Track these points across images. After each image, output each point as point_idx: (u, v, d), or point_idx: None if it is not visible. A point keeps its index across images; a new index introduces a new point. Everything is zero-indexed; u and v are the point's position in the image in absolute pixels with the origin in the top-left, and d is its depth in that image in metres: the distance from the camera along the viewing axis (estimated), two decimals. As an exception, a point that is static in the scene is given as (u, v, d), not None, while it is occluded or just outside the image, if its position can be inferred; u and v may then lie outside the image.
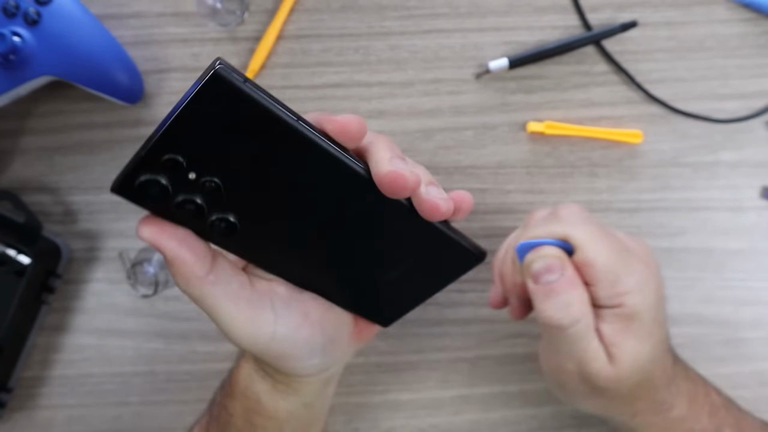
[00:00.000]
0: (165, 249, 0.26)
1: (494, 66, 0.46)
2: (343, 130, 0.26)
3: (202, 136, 0.24)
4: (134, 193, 0.24)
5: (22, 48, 0.41)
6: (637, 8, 0.48)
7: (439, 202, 0.28)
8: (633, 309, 0.32)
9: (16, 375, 0.46)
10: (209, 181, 0.25)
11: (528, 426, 0.47)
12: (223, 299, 0.27)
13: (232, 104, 0.24)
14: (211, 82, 0.23)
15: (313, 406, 0.36)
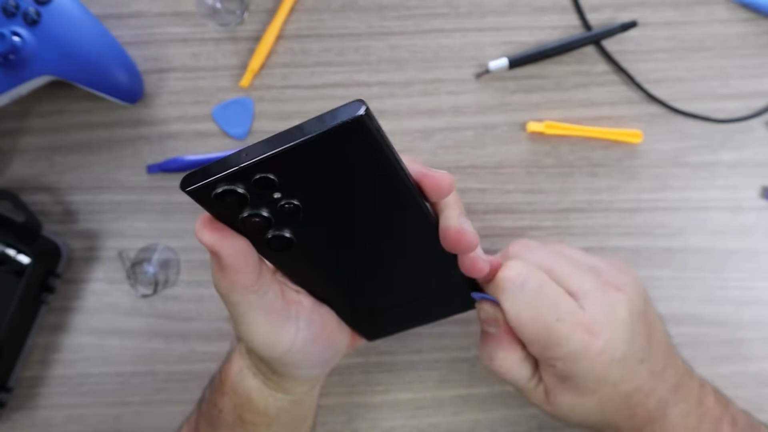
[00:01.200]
0: (223, 256, 0.25)
1: (494, 66, 0.46)
2: (437, 187, 0.26)
3: (311, 169, 0.23)
4: (209, 198, 0.23)
5: (22, 48, 0.41)
6: (637, 8, 0.48)
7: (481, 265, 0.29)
8: (565, 373, 0.32)
9: (16, 375, 0.46)
10: (290, 204, 0.24)
11: (528, 426, 0.47)
12: (258, 308, 0.28)
13: (361, 153, 0.22)
14: (350, 125, 0.21)
15: (302, 403, 0.36)
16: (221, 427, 0.35)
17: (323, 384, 0.39)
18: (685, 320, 0.47)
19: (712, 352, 0.47)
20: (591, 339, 0.31)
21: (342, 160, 0.23)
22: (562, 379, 0.32)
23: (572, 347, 0.31)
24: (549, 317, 0.31)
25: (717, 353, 0.47)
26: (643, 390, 0.33)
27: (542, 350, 0.32)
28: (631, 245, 0.47)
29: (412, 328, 0.37)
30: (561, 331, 0.31)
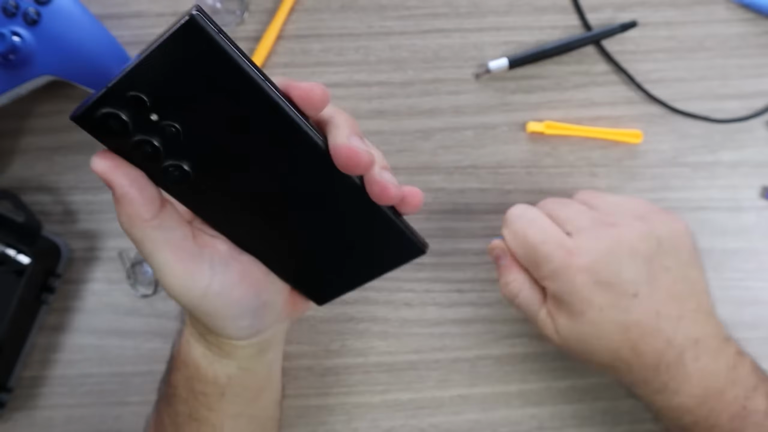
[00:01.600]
0: (115, 185, 0.26)
1: (494, 66, 0.46)
2: (307, 97, 0.27)
3: (169, 80, 0.24)
4: (94, 125, 0.25)
5: (21, 48, 0.41)
6: (637, 8, 0.48)
7: (389, 186, 0.28)
8: (554, 293, 0.37)
9: (16, 375, 0.46)
10: (170, 126, 0.25)
11: (528, 426, 0.47)
12: (163, 246, 0.28)
13: (203, 53, 0.24)
14: (185, 27, 0.23)
15: (252, 370, 0.35)
16: (177, 404, 0.35)
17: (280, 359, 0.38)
18: (685, 320, 0.47)
19: (712, 352, 0.47)
20: (571, 258, 0.35)
21: (195, 71, 0.24)
22: (557, 301, 0.37)
23: (554, 265, 0.36)
24: (536, 239, 0.36)
25: (717, 353, 0.47)
26: (644, 326, 0.35)
27: (534, 270, 0.37)
28: (631, 245, 0.47)
29: (359, 286, 0.34)
30: (545, 251, 0.36)
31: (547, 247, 0.36)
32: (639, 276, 0.35)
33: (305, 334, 0.47)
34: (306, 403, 0.47)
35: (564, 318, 0.37)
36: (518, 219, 0.38)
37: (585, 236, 0.36)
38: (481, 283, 0.47)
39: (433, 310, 0.47)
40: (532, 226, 0.37)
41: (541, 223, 0.37)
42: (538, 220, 0.37)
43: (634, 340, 0.35)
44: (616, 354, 0.36)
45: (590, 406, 0.47)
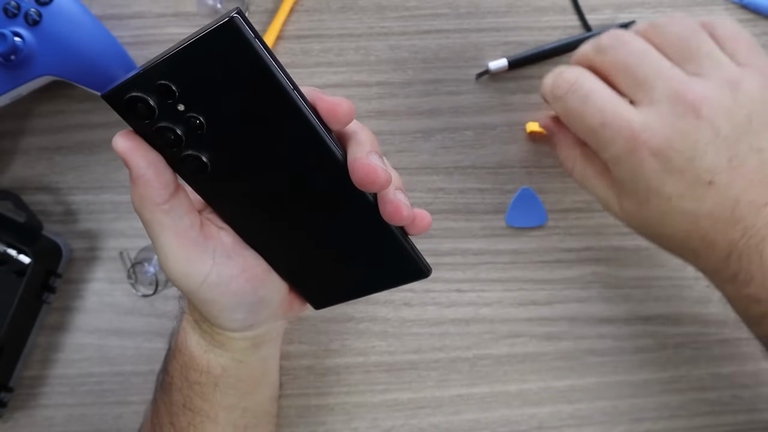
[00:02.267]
0: (133, 165, 0.27)
1: (494, 66, 0.46)
2: (333, 111, 0.27)
3: (200, 75, 0.25)
4: (122, 105, 0.26)
5: (22, 48, 0.41)
6: (636, 8, 0.48)
7: (402, 207, 0.28)
8: (616, 176, 0.34)
9: (17, 374, 0.46)
10: (194, 118, 0.26)
11: (527, 425, 0.47)
12: (169, 231, 0.29)
13: (238, 55, 0.25)
14: (224, 26, 0.24)
15: (246, 363, 0.35)
16: (173, 392, 0.36)
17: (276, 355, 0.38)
18: (685, 320, 0.47)
19: (712, 351, 0.47)
20: (636, 143, 0.31)
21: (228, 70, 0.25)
22: (619, 182, 0.33)
23: (617, 150, 0.31)
24: (593, 122, 0.32)
25: (717, 353, 0.47)
26: (717, 216, 0.31)
27: (596, 150, 0.34)
28: (630, 245, 0.47)
29: (358, 297, 0.35)
30: (606, 134, 0.32)
31: (608, 132, 0.31)
32: (718, 161, 0.30)
33: (305, 333, 0.47)
34: (306, 402, 0.47)
35: (628, 201, 0.34)
36: (571, 96, 0.33)
37: (656, 110, 0.31)
38: (481, 283, 0.47)
39: (432, 309, 0.48)
40: (589, 106, 0.32)
41: (599, 101, 0.32)
42: (595, 95, 0.32)
43: (705, 229, 0.31)
44: (683, 243, 0.33)
45: (589, 405, 0.48)
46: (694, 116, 0.30)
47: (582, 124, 0.33)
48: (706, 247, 0.32)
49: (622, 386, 0.48)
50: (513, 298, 0.48)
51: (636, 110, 0.31)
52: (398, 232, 0.30)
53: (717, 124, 0.30)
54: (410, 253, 0.31)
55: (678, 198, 0.31)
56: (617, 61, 0.33)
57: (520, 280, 0.48)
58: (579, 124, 0.33)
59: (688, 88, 0.31)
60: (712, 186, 0.31)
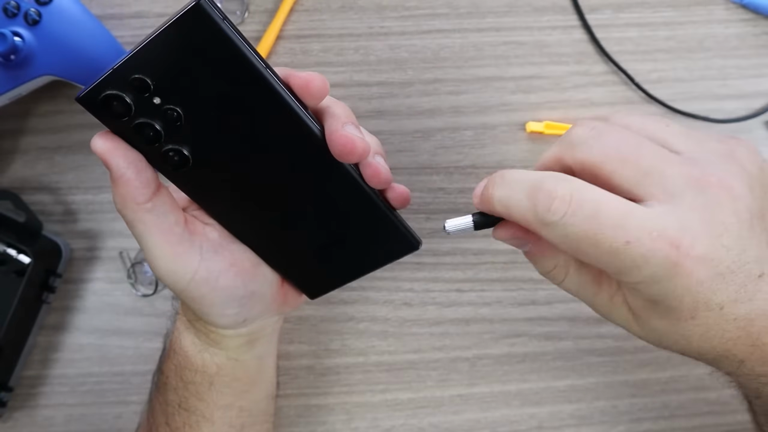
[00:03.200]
0: (113, 166, 0.27)
1: (451, 226, 0.29)
2: (306, 87, 0.27)
3: (174, 64, 0.25)
4: (98, 106, 0.26)
5: (22, 48, 0.41)
6: (636, 8, 0.48)
7: (381, 169, 0.29)
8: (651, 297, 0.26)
9: (17, 374, 0.46)
10: (171, 110, 0.26)
11: (527, 425, 0.47)
12: (154, 229, 0.29)
13: (208, 39, 0.24)
14: (191, 12, 0.24)
15: (242, 362, 0.35)
16: (168, 392, 0.36)
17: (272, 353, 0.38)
18: (684, 320, 0.47)
19: (712, 351, 0.47)
20: (679, 254, 0.23)
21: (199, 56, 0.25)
22: (651, 303, 0.26)
23: (654, 269, 0.24)
24: (616, 244, 0.23)
25: (716, 353, 0.47)
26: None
27: (617, 276, 0.25)
28: (630, 245, 0.47)
29: (352, 280, 0.34)
30: (635, 254, 0.24)
31: (638, 249, 0.23)
32: (762, 246, 0.25)
33: (305, 333, 0.47)
34: (306, 402, 0.47)
35: (660, 320, 0.26)
36: (573, 216, 0.24)
37: (687, 207, 0.24)
38: (481, 283, 0.47)
39: (432, 309, 0.48)
40: (603, 223, 0.24)
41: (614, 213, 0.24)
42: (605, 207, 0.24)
43: (757, 332, 0.26)
44: (728, 352, 0.27)
45: (589, 405, 0.48)
46: (730, 199, 0.24)
47: (596, 249, 0.24)
48: (756, 352, 0.26)
49: (622, 386, 0.48)
50: (513, 298, 0.48)
51: (661, 209, 0.24)
52: (384, 205, 0.31)
53: (748, 202, 0.25)
54: (398, 226, 0.31)
55: (730, 305, 0.25)
56: (608, 152, 0.25)
57: (519, 280, 0.48)
58: (591, 250, 0.24)
59: (705, 169, 0.25)
60: (763, 278, 0.25)
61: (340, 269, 0.34)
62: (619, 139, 0.25)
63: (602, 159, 0.25)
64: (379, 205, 0.30)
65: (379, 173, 0.29)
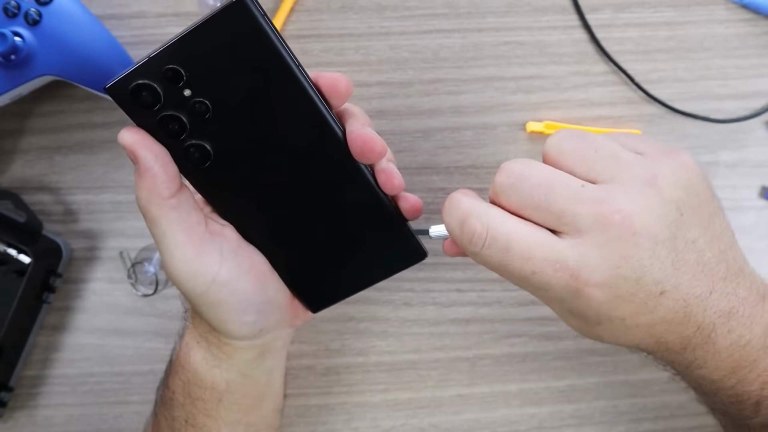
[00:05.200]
0: (140, 159, 0.27)
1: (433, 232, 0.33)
2: (334, 87, 0.28)
3: (210, 57, 0.25)
4: (126, 96, 0.26)
5: (23, 48, 0.41)
6: (636, 8, 0.48)
7: (394, 174, 0.30)
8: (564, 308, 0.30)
9: (17, 374, 0.46)
10: (200, 103, 0.26)
11: (527, 425, 0.47)
12: (178, 227, 0.28)
13: (247, 34, 0.25)
14: (233, 5, 0.24)
15: (251, 377, 0.35)
16: (174, 408, 0.35)
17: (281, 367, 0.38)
18: (684, 320, 0.47)
19: (712, 351, 0.47)
20: (578, 283, 0.27)
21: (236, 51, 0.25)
22: (565, 311, 0.30)
23: (557, 292, 0.28)
24: (524, 272, 0.28)
25: (716, 353, 0.47)
26: (671, 320, 0.29)
27: (531, 293, 0.30)
28: (630, 245, 0.47)
29: (356, 292, 0.34)
30: (540, 281, 0.28)
31: (543, 277, 0.27)
32: (664, 269, 0.28)
33: (305, 333, 0.47)
34: (306, 402, 0.47)
35: (575, 322, 0.31)
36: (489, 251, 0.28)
37: (588, 241, 0.27)
38: (481, 283, 0.47)
39: (432, 309, 0.48)
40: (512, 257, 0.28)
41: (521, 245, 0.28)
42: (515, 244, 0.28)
43: (659, 334, 0.30)
44: (636, 346, 0.31)
45: (589, 405, 0.48)
46: (630, 234, 0.27)
47: (510, 276, 0.28)
48: (661, 348, 0.31)
49: (622, 386, 0.48)
50: (513, 298, 0.48)
51: (565, 243, 0.27)
52: (395, 213, 0.31)
53: (654, 233, 0.27)
54: (407, 235, 0.31)
55: (632, 316, 0.29)
56: (523, 199, 0.28)
57: (520, 279, 0.48)
58: (507, 276, 0.29)
59: (612, 206, 0.27)
60: (664, 295, 0.28)
61: (345, 279, 0.33)
62: (533, 187, 0.28)
63: (519, 206, 0.28)
64: (392, 212, 0.31)
65: (392, 178, 0.30)
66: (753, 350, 0.30)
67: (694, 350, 0.30)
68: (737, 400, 0.32)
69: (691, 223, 0.29)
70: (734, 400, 0.32)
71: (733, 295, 0.30)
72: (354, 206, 0.30)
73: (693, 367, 0.32)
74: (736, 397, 0.32)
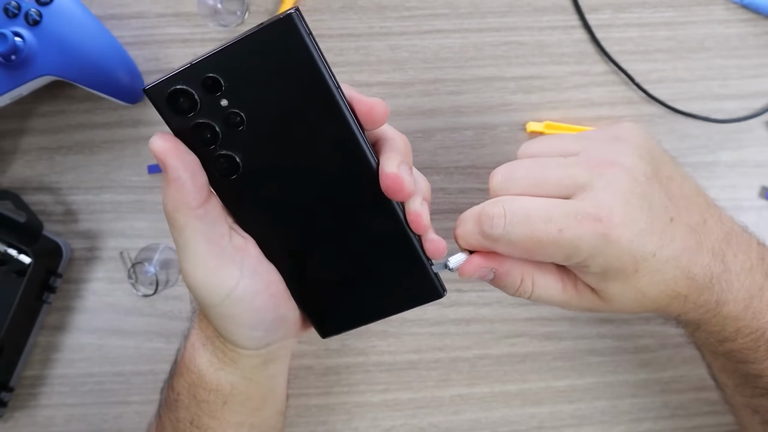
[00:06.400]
0: (170, 168, 0.27)
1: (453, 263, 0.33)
2: (370, 113, 0.28)
3: (252, 70, 0.25)
4: (163, 99, 0.26)
5: (23, 48, 0.41)
6: (637, 8, 0.48)
7: (422, 217, 0.30)
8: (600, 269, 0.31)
9: (17, 374, 0.46)
10: (236, 114, 0.26)
11: (527, 425, 0.47)
12: (202, 237, 0.28)
13: (292, 51, 0.25)
14: (282, 22, 0.24)
15: (255, 381, 0.35)
16: (179, 410, 0.35)
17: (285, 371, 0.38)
18: (684, 320, 0.47)
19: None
20: (603, 226, 0.29)
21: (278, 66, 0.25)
22: (602, 274, 0.31)
23: (590, 244, 0.29)
24: (551, 234, 0.29)
25: (716, 353, 0.47)
26: (689, 247, 0.31)
27: (567, 261, 0.31)
28: (630, 245, 0.47)
29: (369, 322, 0.33)
30: (570, 238, 0.29)
31: (571, 233, 0.29)
32: (663, 197, 0.31)
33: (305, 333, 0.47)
34: (306, 402, 0.47)
35: (615, 284, 0.31)
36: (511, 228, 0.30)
37: (596, 190, 0.30)
38: (481, 283, 0.47)
39: (432, 309, 0.48)
40: (535, 224, 0.29)
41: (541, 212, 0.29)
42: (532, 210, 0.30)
43: (686, 266, 0.31)
44: (673, 291, 0.32)
45: (589, 405, 0.48)
46: (625, 172, 0.30)
47: (539, 245, 0.29)
48: (692, 284, 0.32)
49: (622, 386, 0.48)
50: (513, 298, 0.47)
51: (575, 200, 0.30)
52: (419, 249, 0.30)
53: (641, 169, 0.31)
54: (428, 272, 0.31)
55: (660, 249, 0.30)
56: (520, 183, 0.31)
57: (520, 280, 0.48)
58: (536, 247, 0.30)
59: (599, 158, 0.31)
60: (674, 221, 0.31)
61: (359, 309, 0.33)
62: (526, 170, 0.31)
63: (522, 190, 0.31)
64: (415, 248, 0.30)
65: (420, 219, 0.29)
66: (758, 275, 0.33)
67: (719, 280, 0.32)
68: (753, 339, 0.34)
69: (662, 163, 0.33)
70: (750, 340, 0.34)
71: (721, 223, 0.33)
72: (377, 237, 0.30)
73: (720, 304, 0.33)
74: (753, 335, 0.34)
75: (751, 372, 0.36)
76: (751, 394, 0.37)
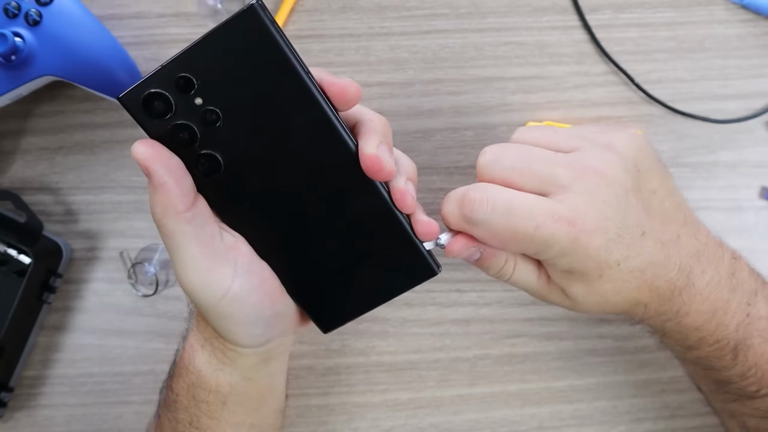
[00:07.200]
0: (154, 173, 0.26)
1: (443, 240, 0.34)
2: (342, 94, 0.28)
3: (221, 64, 0.25)
4: (138, 105, 0.26)
5: (23, 48, 0.41)
6: (637, 8, 0.48)
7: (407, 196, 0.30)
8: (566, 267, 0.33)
9: (17, 374, 0.46)
10: (211, 111, 0.26)
11: (527, 425, 0.47)
12: (193, 240, 0.28)
13: (258, 41, 0.25)
14: (244, 14, 0.24)
15: (255, 380, 0.35)
16: (178, 410, 0.35)
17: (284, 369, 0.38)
18: (684, 320, 0.47)
19: (712, 351, 0.47)
20: (575, 230, 0.30)
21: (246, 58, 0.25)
22: (567, 273, 0.33)
23: (560, 244, 0.31)
24: (528, 229, 0.30)
25: (716, 353, 0.47)
26: (656, 261, 0.33)
27: (536, 255, 0.33)
28: (630, 245, 0.47)
29: (368, 310, 0.33)
30: (544, 235, 0.30)
31: (545, 231, 0.30)
32: (638, 212, 0.32)
33: (306, 333, 0.47)
34: (306, 402, 0.47)
35: (579, 286, 0.33)
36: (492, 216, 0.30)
37: (574, 194, 0.31)
38: (481, 283, 0.47)
39: (432, 309, 0.48)
40: (515, 216, 0.30)
41: (523, 206, 0.31)
42: (515, 203, 0.31)
43: (650, 279, 0.33)
44: (635, 299, 0.34)
45: (589, 405, 0.48)
46: (604, 183, 0.31)
47: (515, 237, 0.31)
48: (653, 295, 0.33)
49: (622, 386, 0.48)
50: (513, 298, 0.48)
51: (554, 200, 0.31)
52: (409, 229, 0.30)
53: (622, 182, 0.32)
54: (420, 249, 0.31)
55: (625, 260, 0.32)
56: (505, 171, 0.32)
57: (520, 280, 0.48)
58: (512, 238, 0.31)
59: (584, 164, 0.32)
60: (645, 236, 0.32)
61: (357, 297, 0.33)
62: (514, 157, 0.32)
63: (505, 177, 0.32)
64: (404, 228, 0.30)
65: (405, 198, 0.30)
66: (724, 290, 0.34)
67: (680, 293, 0.34)
68: (718, 348, 0.35)
69: (648, 177, 0.34)
70: (716, 348, 0.35)
71: (695, 239, 0.34)
72: (366, 222, 0.30)
73: (681, 315, 0.34)
74: (717, 344, 0.35)
75: (720, 378, 0.36)
76: (724, 399, 0.38)
